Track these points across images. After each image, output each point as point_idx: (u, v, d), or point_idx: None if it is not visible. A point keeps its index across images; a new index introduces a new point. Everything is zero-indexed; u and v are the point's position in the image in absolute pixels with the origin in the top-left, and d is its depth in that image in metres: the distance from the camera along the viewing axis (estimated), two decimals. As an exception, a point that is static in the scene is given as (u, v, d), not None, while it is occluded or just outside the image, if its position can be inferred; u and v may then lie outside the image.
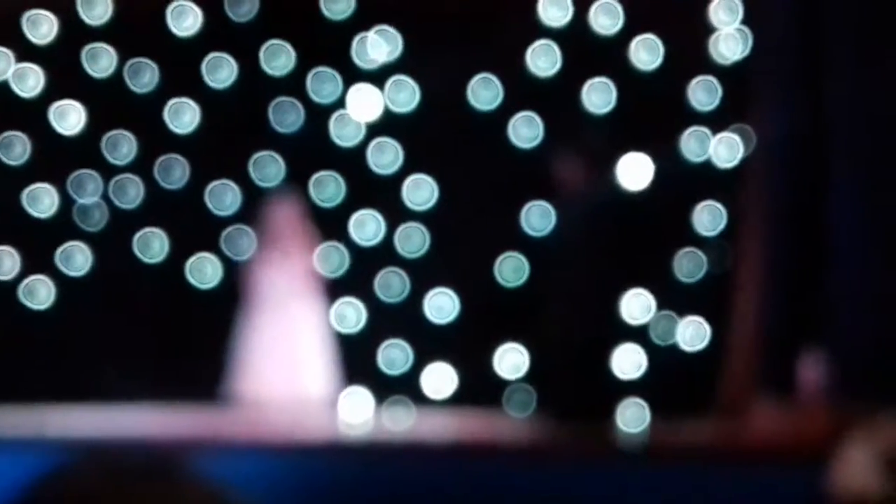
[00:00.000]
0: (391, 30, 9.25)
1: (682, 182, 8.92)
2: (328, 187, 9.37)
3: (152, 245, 9.38)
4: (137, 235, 9.32)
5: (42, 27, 9.30)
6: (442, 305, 9.22)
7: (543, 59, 9.15)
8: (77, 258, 9.33)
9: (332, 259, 9.23)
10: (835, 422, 6.75)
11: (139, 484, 0.82)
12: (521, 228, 9.14)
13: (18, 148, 9.29)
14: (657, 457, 7.13)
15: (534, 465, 6.93)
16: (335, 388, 8.75)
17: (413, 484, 6.79)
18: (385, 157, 9.35)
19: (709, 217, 8.93)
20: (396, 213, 9.27)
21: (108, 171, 9.33)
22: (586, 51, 9.01)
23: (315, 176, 9.34)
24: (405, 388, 9.02)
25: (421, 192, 9.30)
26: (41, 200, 9.33)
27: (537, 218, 9.11)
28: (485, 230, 9.03)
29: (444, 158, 9.12)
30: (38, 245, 9.22)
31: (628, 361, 8.69)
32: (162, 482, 0.83)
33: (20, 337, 9.07)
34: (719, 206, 8.90)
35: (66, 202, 9.31)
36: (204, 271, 9.39)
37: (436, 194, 9.28)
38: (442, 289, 9.21)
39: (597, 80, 9.04)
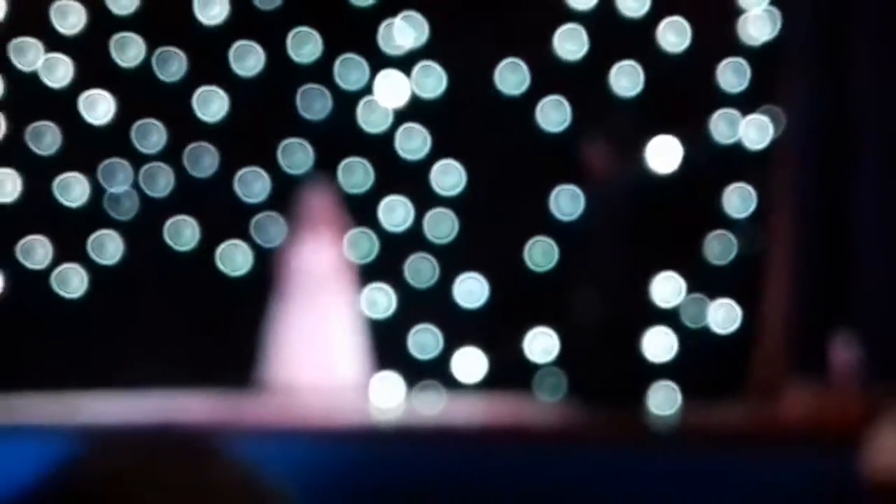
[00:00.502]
0: (417, 15, 9.26)
1: (711, 165, 8.91)
2: (356, 174, 9.40)
3: (183, 233, 9.43)
4: (168, 223, 9.38)
5: (70, 17, 9.35)
6: (472, 290, 9.25)
7: (571, 43, 9.14)
8: (108, 247, 9.39)
9: (361, 245, 9.28)
10: (867, 404, 6.75)
11: (170, 463, 0.84)
12: (551, 212, 9.15)
13: (49, 138, 9.36)
14: (689, 440, 7.13)
15: (565, 449, 6.95)
16: (367, 374, 8.80)
17: (444, 468, 6.82)
18: (413, 142, 9.36)
19: (739, 199, 8.92)
20: (425, 199, 9.28)
21: (138, 160, 9.38)
22: (614, 34, 9.01)
23: (343, 162, 9.36)
24: (436, 372, 9.06)
25: (449, 177, 9.31)
26: (72, 190, 9.40)
27: (566, 202, 9.12)
28: (514, 215, 9.04)
29: (472, 143, 9.13)
30: (69, 234, 9.30)
31: (659, 344, 8.69)
32: (193, 462, 0.84)
33: (53, 325, 9.15)
34: (749, 188, 8.89)
35: (97, 191, 9.38)
36: (234, 259, 9.44)
37: (464, 179, 9.29)
38: (471, 273, 9.23)
39: (625, 63, 9.03)
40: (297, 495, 0.91)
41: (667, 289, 8.80)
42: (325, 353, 8.65)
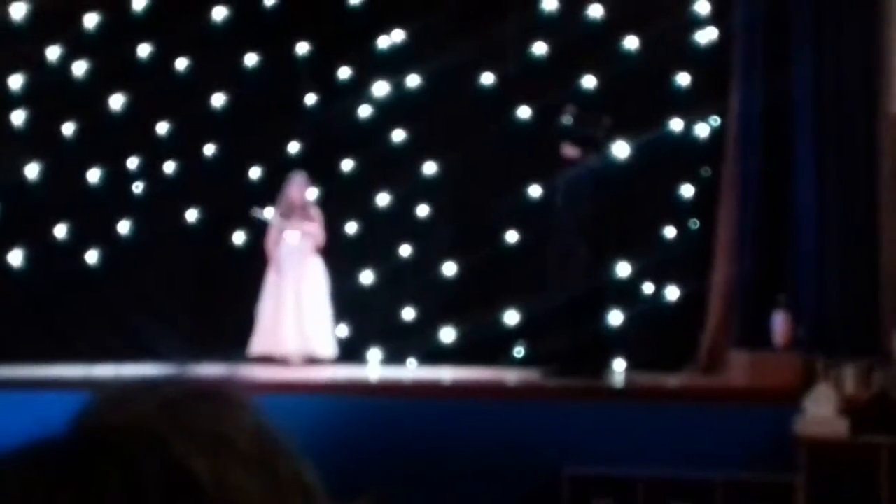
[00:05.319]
0: (404, 20, 9.53)
1: (665, 156, 9.07)
2: (346, 162, 9.72)
3: (188, 213, 9.72)
4: (176, 204, 9.64)
5: (86, 20, 9.66)
6: (448, 268, 9.49)
7: (540, 49, 9.40)
8: (123, 225, 9.67)
9: (349, 226, 9.61)
10: (801, 373, 7.10)
11: (192, 409, 0.81)
12: (521, 200, 9.38)
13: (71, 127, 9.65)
14: (642, 400, 7.25)
15: (529, 403, 7.14)
16: (348, 345, 9.10)
17: (421, 434, 7.04)
18: (397, 136, 9.66)
19: (690, 187, 9.17)
20: (408, 186, 9.53)
21: (150, 147, 9.67)
22: (578, 42, 9.24)
23: (335, 152, 9.67)
24: (414, 344, 9.27)
25: (430, 166, 9.59)
26: (92, 174, 9.70)
27: (535, 191, 9.35)
28: (487, 201, 9.29)
29: (451, 138, 9.35)
30: (91, 215, 9.48)
31: (616, 319, 8.83)
32: (214, 407, 0.82)
33: (69, 297, 9.36)
34: (699, 177, 9.12)
35: (115, 176, 9.60)
36: (233, 238, 9.71)
37: (444, 168, 9.53)
38: (448, 253, 9.48)
39: (588, 67, 9.28)
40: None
41: (624, 268, 9.00)
42: (301, 324, 8.92)
